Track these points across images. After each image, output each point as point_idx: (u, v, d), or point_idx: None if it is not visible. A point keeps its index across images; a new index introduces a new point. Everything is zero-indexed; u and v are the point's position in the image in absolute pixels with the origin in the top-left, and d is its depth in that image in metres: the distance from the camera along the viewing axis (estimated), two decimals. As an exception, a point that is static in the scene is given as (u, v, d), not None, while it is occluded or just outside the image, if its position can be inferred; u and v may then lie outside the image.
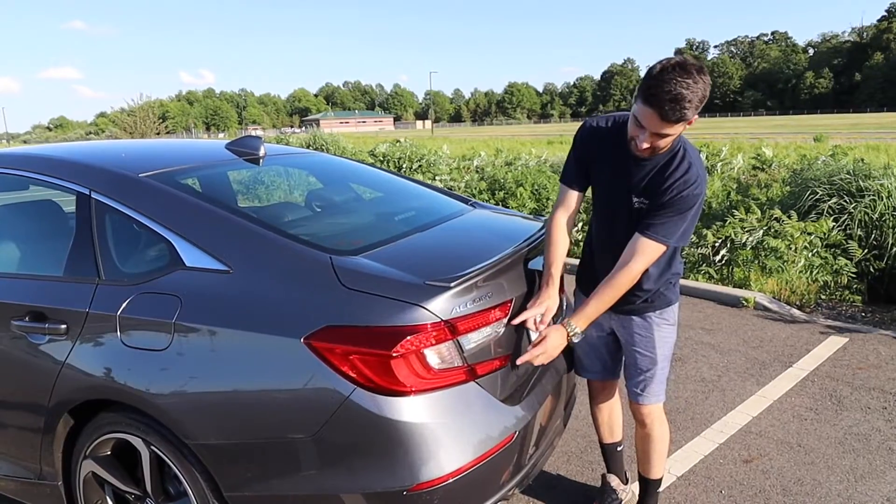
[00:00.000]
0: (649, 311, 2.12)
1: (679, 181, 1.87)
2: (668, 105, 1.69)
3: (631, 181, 1.96)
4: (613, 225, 2.05)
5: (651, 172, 1.92)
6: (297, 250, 1.80)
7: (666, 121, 1.73)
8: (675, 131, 1.79)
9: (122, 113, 27.23)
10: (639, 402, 2.20)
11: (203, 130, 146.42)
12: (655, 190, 1.91)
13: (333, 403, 1.61)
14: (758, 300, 4.78)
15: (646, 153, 1.88)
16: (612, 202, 2.04)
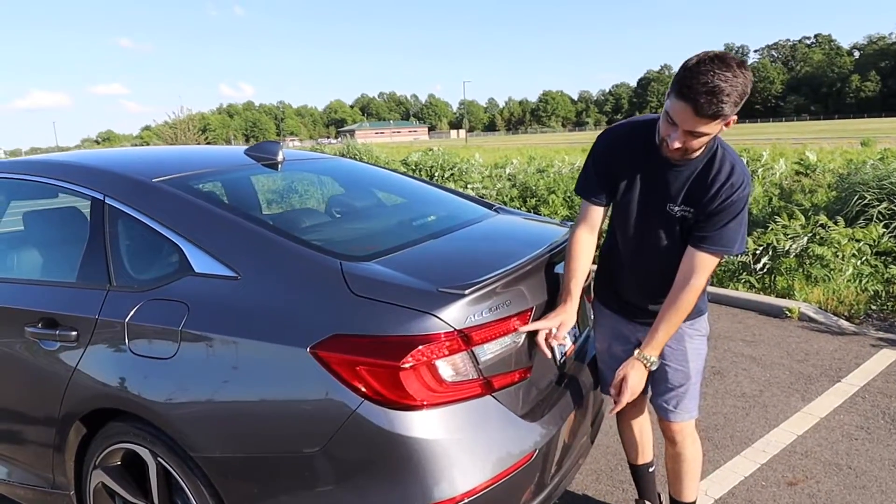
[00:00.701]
0: (685, 319, 1.95)
1: (726, 185, 1.74)
2: (704, 98, 1.54)
3: (667, 189, 1.82)
4: (646, 236, 1.91)
5: (690, 178, 1.78)
6: (306, 255, 1.73)
7: (701, 116, 1.57)
8: (712, 130, 1.63)
9: (165, 126, 28.01)
10: (670, 420, 2.05)
11: (243, 142, 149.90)
12: (700, 198, 1.77)
13: (340, 417, 1.52)
14: (802, 310, 4.54)
15: (677, 154, 1.72)
16: (645, 213, 1.89)
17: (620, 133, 1.91)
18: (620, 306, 2.08)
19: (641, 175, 1.86)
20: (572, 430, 1.95)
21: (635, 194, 1.89)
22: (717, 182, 1.75)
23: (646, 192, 1.87)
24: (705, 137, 1.66)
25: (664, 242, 1.88)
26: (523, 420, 1.71)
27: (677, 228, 1.85)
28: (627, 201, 1.91)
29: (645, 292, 2.00)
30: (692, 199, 1.79)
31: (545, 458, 1.75)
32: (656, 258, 1.90)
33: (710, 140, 1.72)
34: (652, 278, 1.95)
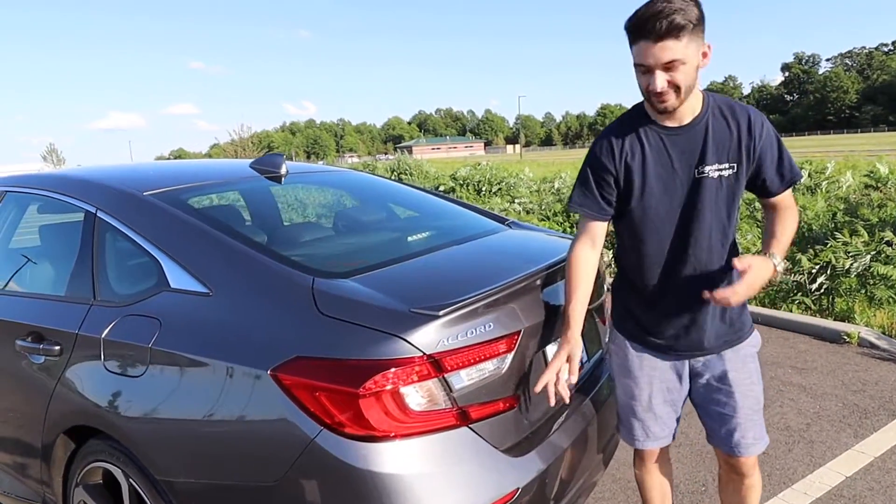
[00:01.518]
0: (743, 337, 1.78)
1: (752, 118, 1.63)
2: (651, 21, 1.46)
3: (688, 156, 1.64)
4: (691, 217, 1.65)
5: (708, 134, 1.63)
6: (278, 271, 1.64)
7: (659, 38, 1.46)
8: (683, 54, 1.48)
9: (229, 143, 29.22)
10: (750, 455, 1.79)
11: (304, 159, 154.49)
12: (738, 145, 1.62)
13: (297, 447, 1.41)
14: (862, 335, 4.15)
15: (671, 101, 1.55)
16: (673, 190, 1.65)
17: (611, 130, 1.73)
18: (666, 343, 1.78)
19: (652, 157, 1.66)
20: (569, 466, 1.77)
21: (653, 179, 1.66)
22: (740, 120, 1.63)
23: (665, 170, 1.65)
24: (684, 67, 1.50)
25: (708, 218, 1.64)
26: (505, 455, 1.55)
27: (718, 192, 1.63)
28: (649, 193, 1.67)
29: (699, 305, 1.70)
30: (725, 153, 1.63)
31: (532, 496, 1.58)
32: (706, 241, 1.66)
33: (697, 74, 1.56)
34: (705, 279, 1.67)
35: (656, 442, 1.89)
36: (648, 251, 1.72)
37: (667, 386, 1.83)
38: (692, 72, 1.53)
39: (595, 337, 2.22)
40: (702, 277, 1.69)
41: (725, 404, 1.78)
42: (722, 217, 1.66)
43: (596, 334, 2.23)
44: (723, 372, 1.77)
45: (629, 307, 1.84)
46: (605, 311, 2.35)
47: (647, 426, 1.87)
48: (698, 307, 1.71)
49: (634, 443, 1.91)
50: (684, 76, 1.52)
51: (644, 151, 1.66)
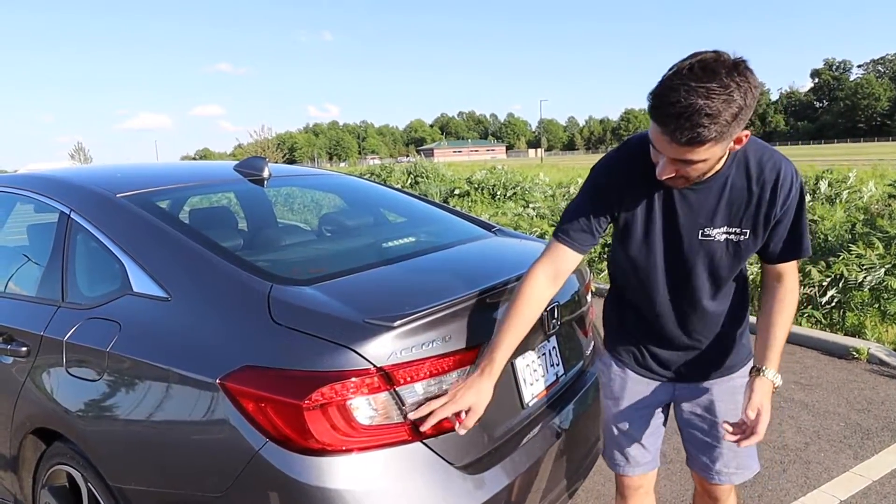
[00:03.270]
0: (735, 369, 1.67)
1: (781, 183, 1.42)
2: (675, 123, 1.21)
3: (695, 212, 1.47)
4: (679, 275, 1.55)
5: (725, 193, 1.44)
6: (236, 277, 1.61)
7: (678, 144, 1.25)
8: (705, 156, 1.28)
9: (254, 144, 29.65)
10: (730, 483, 1.72)
11: (326, 160, 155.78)
12: (756, 213, 1.45)
13: (242, 458, 1.38)
14: (872, 352, 4.01)
15: (673, 184, 1.40)
16: (673, 247, 1.52)
17: (620, 157, 1.54)
18: (654, 365, 1.70)
19: (658, 204, 1.50)
20: (537, 481, 1.72)
21: (655, 227, 1.51)
22: (766, 181, 1.42)
23: (668, 221, 1.50)
24: (702, 165, 1.31)
25: (704, 277, 1.53)
26: (461, 472, 1.50)
27: (721, 256, 1.50)
28: (649, 243, 1.53)
29: (693, 336, 1.63)
30: (738, 217, 1.46)
31: (489, 515, 1.53)
32: (700, 301, 1.57)
33: (720, 161, 1.38)
34: (698, 323, 1.61)
35: (637, 468, 1.79)
36: (642, 289, 1.62)
37: (649, 411, 1.75)
38: (712, 164, 1.36)
39: (576, 348, 2.16)
40: (691, 320, 1.61)
41: (708, 433, 1.70)
42: (720, 276, 1.53)
43: (577, 345, 2.17)
44: (709, 402, 1.68)
45: (619, 324, 1.76)
46: (587, 322, 2.28)
47: (626, 451, 1.78)
48: (687, 338, 1.63)
49: (615, 467, 1.83)
50: (697, 171, 1.35)
51: (652, 201, 1.49)
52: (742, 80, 1.20)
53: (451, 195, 14.18)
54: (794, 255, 1.51)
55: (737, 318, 1.65)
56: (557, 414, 1.89)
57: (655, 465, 1.82)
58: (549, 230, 7.97)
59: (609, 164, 1.55)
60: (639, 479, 1.81)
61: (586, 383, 2.12)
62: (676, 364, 1.68)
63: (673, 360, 1.68)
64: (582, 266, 2.33)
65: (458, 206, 13.18)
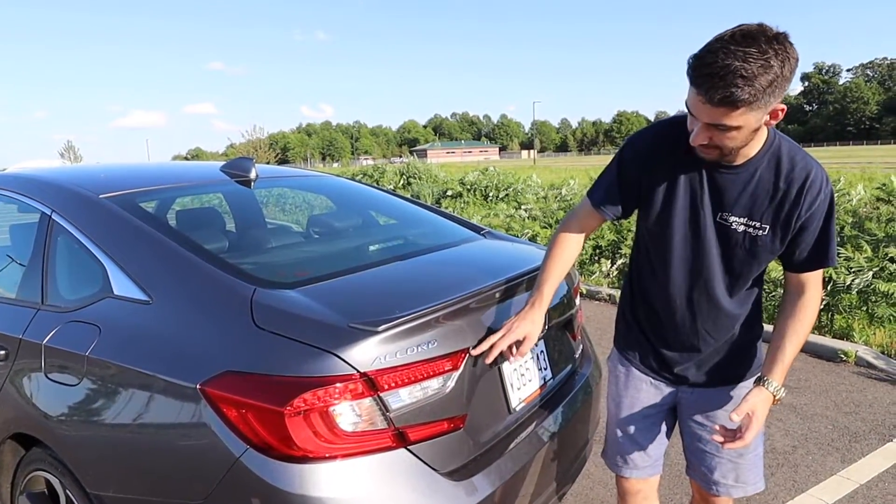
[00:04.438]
0: (743, 379, 1.64)
1: (809, 184, 1.40)
2: (710, 81, 1.22)
3: (719, 196, 1.46)
4: (697, 259, 1.53)
5: (752, 185, 1.43)
6: (219, 280, 1.59)
7: (713, 104, 1.24)
8: (740, 122, 1.27)
9: (247, 143, 29.56)
10: (728, 496, 1.70)
11: (319, 160, 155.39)
12: (778, 210, 1.43)
13: (223, 466, 1.36)
14: (860, 354, 4.02)
15: (710, 155, 1.38)
16: (693, 228, 1.51)
17: (654, 132, 1.56)
18: (660, 364, 1.69)
19: (683, 180, 1.49)
20: (520, 490, 1.70)
21: (678, 205, 1.51)
22: (794, 180, 1.40)
23: (690, 199, 1.50)
24: (736, 133, 1.30)
25: (717, 264, 1.51)
26: (446, 479, 1.48)
27: (737, 246, 1.48)
28: (667, 216, 1.53)
29: (702, 336, 1.60)
30: (760, 211, 1.44)
31: (474, 523, 1.51)
32: (711, 290, 1.54)
33: (754, 135, 1.34)
34: (709, 321, 1.59)
35: (635, 471, 1.77)
36: (657, 272, 1.62)
37: (652, 413, 1.72)
38: (746, 136, 1.33)
39: (565, 351, 2.15)
40: (703, 316, 1.59)
41: (708, 442, 1.66)
42: (734, 271, 1.52)
43: (566, 349, 2.16)
44: (712, 410, 1.65)
45: (630, 319, 1.75)
46: (576, 326, 2.27)
47: (625, 452, 1.76)
48: (696, 337, 1.61)
49: (614, 468, 1.82)
50: (731, 141, 1.33)
51: (678, 180, 1.49)
52: (781, 49, 1.21)
53: (444, 196, 14.17)
54: (818, 265, 1.48)
55: (749, 327, 1.62)
56: (545, 418, 1.87)
57: (656, 471, 1.79)
58: (541, 232, 7.95)
59: (635, 140, 1.59)
60: (637, 483, 1.79)
61: (575, 387, 2.11)
62: (683, 365, 1.65)
63: (680, 360, 1.65)
64: (571, 269, 2.32)
65: (450, 207, 13.17)
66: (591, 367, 2.30)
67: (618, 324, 1.81)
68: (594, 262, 6.94)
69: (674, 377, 1.68)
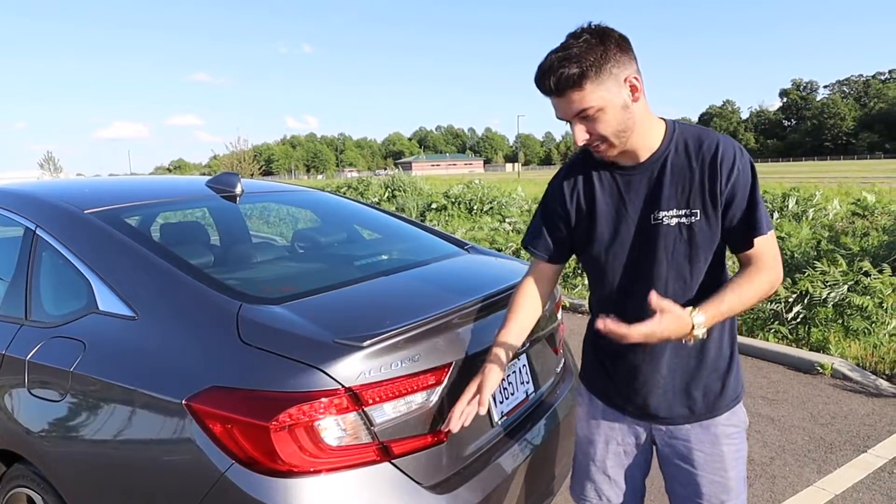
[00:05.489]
0: (717, 412, 1.49)
1: (720, 155, 1.36)
2: (545, 77, 1.32)
3: (642, 198, 1.43)
4: (646, 270, 1.44)
5: (666, 174, 1.40)
6: (205, 296, 1.60)
7: (559, 95, 1.32)
8: (594, 101, 1.30)
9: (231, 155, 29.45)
10: None
11: (304, 172, 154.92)
12: (702, 189, 1.37)
13: (208, 481, 1.37)
14: (836, 367, 4.11)
15: (601, 151, 1.39)
16: (627, 239, 1.46)
17: (566, 168, 1.57)
18: (623, 399, 1.57)
19: (604, 200, 1.48)
20: (507, 499, 1.72)
21: (603, 224, 1.48)
22: (706, 155, 1.37)
23: (617, 214, 1.46)
24: (601, 114, 1.31)
25: (664, 272, 1.42)
26: (430, 492, 1.51)
27: (677, 243, 1.40)
28: (598, 239, 1.49)
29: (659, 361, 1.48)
30: (686, 196, 1.38)
31: (457, 535, 1.53)
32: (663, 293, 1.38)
33: (627, 114, 1.34)
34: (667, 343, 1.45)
35: None
36: (603, 297, 1.54)
37: (623, 449, 1.61)
38: (617, 115, 1.33)
39: (546, 365, 2.18)
40: None
41: (686, 486, 1.53)
42: (683, 272, 1.42)
43: (547, 363, 2.19)
44: (686, 449, 1.51)
45: (591, 352, 1.65)
46: (557, 340, 2.31)
47: (599, 487, 1.65)
48: (654, 366, 1.48)
49: (574, 492, 1.73)
50: (606, 124, 1.34)
51: (595, 193, 1.48)
52: (595, 31, 1.30)
53: (429, 209, 14.21)
54: (752, 233, 1.37)
55: (717, 347, 1.48)
56: (527, 432, 1.90)
57: None
58: (524, 245, 8.03)
59: (556, 176, 1.61)
60: None
61: (557, 400, 2.14)
62: (647, 398, 1.51)
63: (643, 393, 1.51)
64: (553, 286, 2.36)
65: (435, 220, 13.21)
66: (572, 380, 2.33)
67: (583, 358, 1.71)
68: (577, 276, 7.02)
69: (640, 412, 1.55)
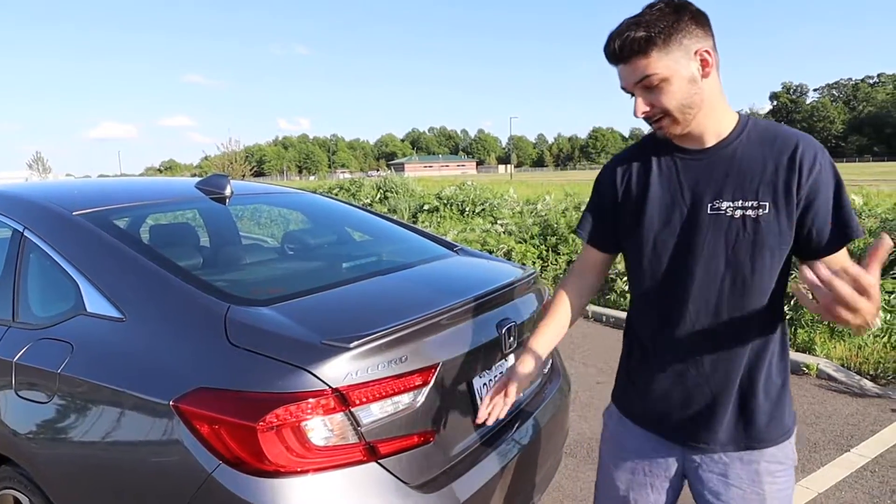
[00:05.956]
0: (762, 444, 1.32)
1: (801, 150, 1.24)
2: (612, 43, 1.24)
3: (702, 185, 1.29)
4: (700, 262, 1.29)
5: (735, 163, 1.27)
6: (194, 298, 1.61)
7: (624, 61, 1.24)
8: (660, 69, 1.21)
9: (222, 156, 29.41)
10: None
11: (296, 173, 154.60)
12: (765, 178, 1.25)
13: (195, 481, 1.38)
14: (821, 367, 4.16)
15: (663, 126, 1.27)
16: (682, 225, 1.31)
17: (623, 152, 1.48)
18: (655, 414, 1.41)
19: (658, 183, 1.35)
20: (493, 498, 1.74)
21: (654, 209, 1.34)
22: (782, 150, 1.25)
23: (672, 199, 1.32)
24: (666, 85, 1.23)
25: (721, 267, 1.27)
26: (417, 491, 1.52)
27: (739, 237, 1.25)
28: (646, 225, 1.35)
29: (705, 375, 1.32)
30: (754, 187, 1.25)
31: (443, 534, 1.55)
32: (715, 298, 1.28)
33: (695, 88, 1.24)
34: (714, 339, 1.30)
35: None
36: (644, 293, 1.39)
37: (650, 482, 1.44)
38: (683, 88, 1.23)
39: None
40: (704, 341, 1.31)
41: None
42: (742, 269, 1.26)
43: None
44: (722, 484, 1.34)
45: (625, 363, 1.51)
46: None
47: None
48: (696, 378, 1.33)
49: None
50: (669, 96, 1.24)
51: (651, 176, 1.36)
52: (670, 2, 1.23)
53: (421, 210, 14.24)
54: (844, 237, 1.24)
55: (769, 362, 1.32)
56: (514, 432, 1.92)
57: None
58: (516, 247, 8.06)
59: (605, 165, 1.50)
60: None
61: (544, 400, 2.16)
62: (684, 416, 1.35)
63: (675, 410, 1.37)
64: (541, 285, 2.38)
65: (427, 221, 13.23)
66: (560, 380, 2.36)
67: (617, 377, 1.56)
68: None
69: (673, 437, 1.39)
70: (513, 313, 1.98)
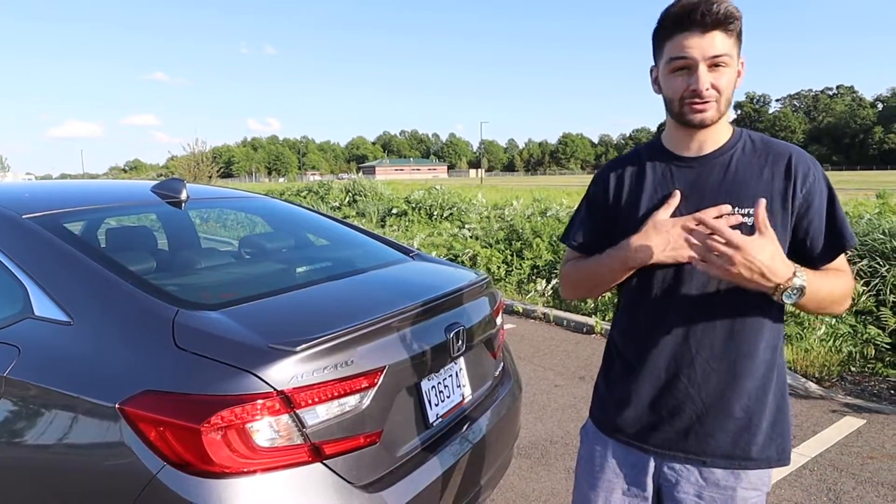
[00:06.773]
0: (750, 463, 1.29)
1: (795, 159, 1.28)
2: (706, 5, 1.18)
3: (697, 192, 1.29)
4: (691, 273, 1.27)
5: (731, 168, 1.28)
6: (141, 302, 1.63)
7: (710, 28, 1.19)
8: (731, 52, 1.21)
9: (189, 156, 28.93)
10: None
11: (265, 175, 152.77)
12: (760, 186, 1.26)
13: (140, 483, 1.40)
14: (769, 370, 4.31)
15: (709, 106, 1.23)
16: None
17: (617, 159, 1.46)
18: (634, 423, 1.37)
19: (651, 190, 1.34)
20: (438, 500, 1.79)
21: (649, 213, 1.32)
22: (778, 160, 1.28)
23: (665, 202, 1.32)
24: (728, 71, 1.22)
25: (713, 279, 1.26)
26: (362, 491, 1.56)
27: None
28: (637, 224, 1.34)
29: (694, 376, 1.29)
30: (749, 194, 1.24)
31: (388, 532, 1.59)
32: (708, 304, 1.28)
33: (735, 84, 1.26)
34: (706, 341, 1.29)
35: None
36: (635, 300, 1.38)
37: (629, 498, 1.40)
38: (731, 79, 1.25)
39: (484, 369, 2.26)
40: (697, 349, 1.29)
41: None
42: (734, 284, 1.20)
43: (485, 367, 2.27)
44: (694, 498, 1.31)
45: (606, 375, 1.47)
46: (496, 345, 2.39)
47: None
48: (687, 388, 1.30)
49: None
50: (727, 83, 1.23)
51: (644, 182, 1.35)
52: None
53: (389, 214, 14.25)
54: (838, 246, 1.26)
55: (762, 377, 1.28)
56: (463, 432, 1.98)
57: None
58: (481, 252, 8.15)
59: (609, 166, 1.47)
60: None
61: (494, 402, 2.22)
62: (673, 425, 1.32)
63: (669, 416, 1.32)
64: (493, 289, 2.44)
65: (395, 226, 13.25)
66: (511, 383, 2.42)
67: (595, 392, 1.52)
68: (531, 282, 7.15)
69: (651, 443, 1.35)
70: (462, 317, 2.04)
